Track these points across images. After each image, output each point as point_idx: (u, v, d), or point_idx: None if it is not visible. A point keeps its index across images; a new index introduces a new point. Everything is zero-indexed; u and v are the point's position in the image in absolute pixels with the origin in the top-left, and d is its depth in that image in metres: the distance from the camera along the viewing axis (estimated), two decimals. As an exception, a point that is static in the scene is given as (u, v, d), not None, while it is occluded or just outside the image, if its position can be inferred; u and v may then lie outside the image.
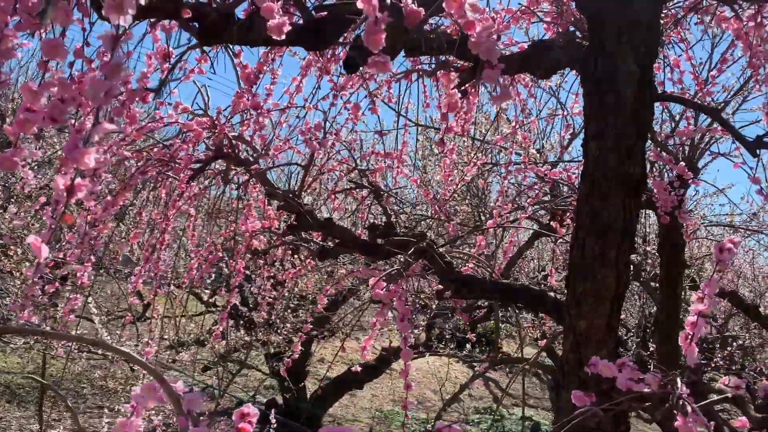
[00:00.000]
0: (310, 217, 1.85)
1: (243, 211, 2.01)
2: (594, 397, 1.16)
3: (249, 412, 0.96)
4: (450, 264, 1.79)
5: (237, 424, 0.93)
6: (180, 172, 1.96)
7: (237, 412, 0.96)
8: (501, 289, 1.77)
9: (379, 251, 1.92)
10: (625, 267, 1.49)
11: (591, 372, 1.17)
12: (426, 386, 7.33)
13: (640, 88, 1.40)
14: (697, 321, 1.16)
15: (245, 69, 1.71)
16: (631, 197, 1.43)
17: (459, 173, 2.24)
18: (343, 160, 2.09)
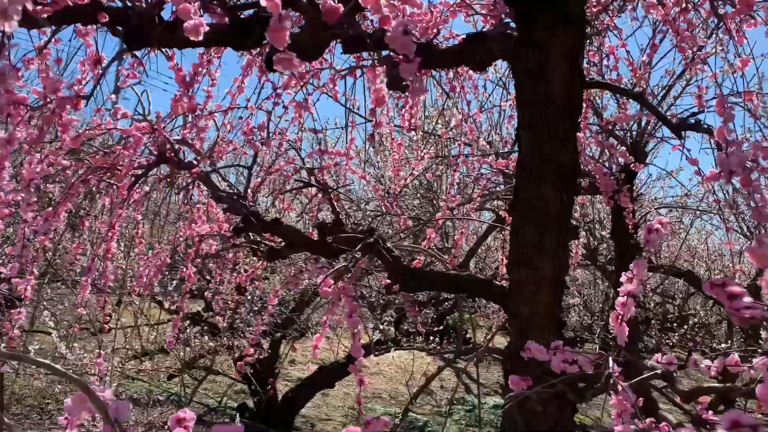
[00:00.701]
0: (255, 219, 1.84)
1: (190, 216, 1.99)
2: (531, 381, 1.18)
3: (185, 417, 0.96)
4: (398, 258, 1.80)
5: (173, 429, 0.93)
6: (122, 178, 1.93)
7: (173, 418, 0.95)
8: (449, 280, 1.79)
9: (328, 250, 1.92)
10: (564, 253, 1.52)
11: (527, 357, 1.19)
12: (398, 381, 7.35)
13: (569, 77, 1.42)
14: (626, 301, 1.19)
15: (179, 71, 1.69)
16: (565, 184, 1.46)
17: (409, 168, 2.25)
18: (289, 160, 2.08)
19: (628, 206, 1.94)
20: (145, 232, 2.21)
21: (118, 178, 1.96)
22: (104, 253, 2.07)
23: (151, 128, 1.87)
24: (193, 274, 2.14)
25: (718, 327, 5.10)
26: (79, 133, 1.84)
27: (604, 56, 2.13)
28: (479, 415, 5.99)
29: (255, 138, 1.92)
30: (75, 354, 3.57)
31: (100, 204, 2.24)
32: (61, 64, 1.73)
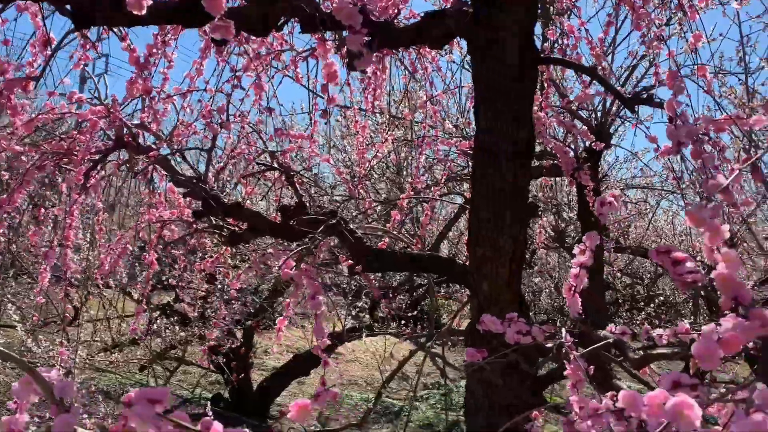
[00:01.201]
0: (215, 202, 1.82)
1: (149, 200, 1.96)
2: (486, 353, 1.19)
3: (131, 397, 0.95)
4: (360, 239, 1.80)
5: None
6: (78, 164, 1.89)
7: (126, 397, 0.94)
8: (411, 260, 1.79)
9: (291, 233, 1.91)
10: (522, 229, 1.53)
11: (483, 330, 1.19)
12: (374, 368, 7.37)
13: (523, 53, 1.43)
14: (579, 273, 1.21)
15: (133, 52, 1.66)
16: (521, 160, 1.47)
17: (374, 150, 2.25)
18: (251, 143, 2.06)
19: (588, 184, 1.96)
20: (106, 220, 2.17)
21: (74, 163, 1.92)
22: (63, 239, 2.03)
23: (107, 112, 1.83)
24: (156, 260, 2.11)
25: (685, 306, 5.20)
26: (32, 117, 1.81)
27: (564, 35, 2.15)
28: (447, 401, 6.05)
29: (214, 121, 1.89)
30: (42, 347, 3.50)
31: (59, 191, 2.20)
32: (9, 45, 1.68)
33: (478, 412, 1.59)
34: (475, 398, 1.62)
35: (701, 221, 0.82)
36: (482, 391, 1.61)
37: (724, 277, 0.81)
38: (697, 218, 0.82)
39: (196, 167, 1.91)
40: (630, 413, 0.72)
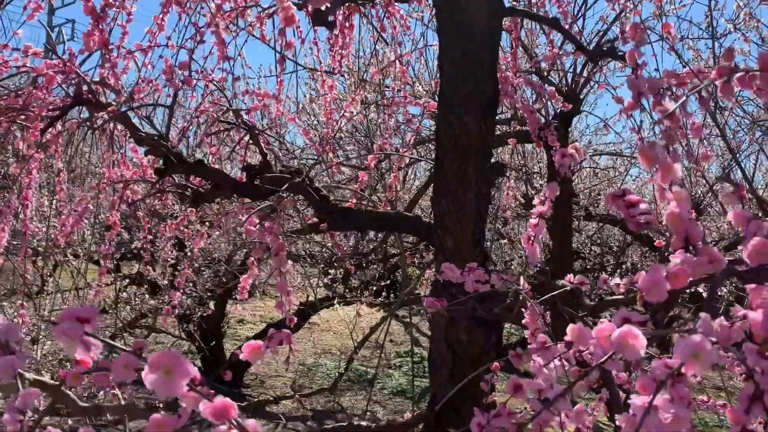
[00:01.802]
0: (178, 160, 1.78)
1: (108, 158, 1.92)
2: (445, 301, 1.20)
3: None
4: (326, 197, 1.78)
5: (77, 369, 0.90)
6: (35, 120, 1.84)
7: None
8: (376, 218, 1.79)
9: (256, 191, 1.88)
10: (485, 184, 1.53)
11: (444, 280, 1.20)
12: (347, 337, 7.41)
13: (487, 5, 1.41)
14: (538, 222, 1.21)
15: (88, 2, 1.60)
16: (485, 113, 1.46)
17: (341, 110, 2.22)
18: (215, 100, 2.01)
19: (555, 145, 1.96)
20: (66, 181, 2.12)
21: (30, 119, 1.86)
22: (21, 200, 1.98)
23: (63, 66, 1.77)
24: (123, 228, 2.07)
25: (652, 272, 5.29)
26: (-18, 71, 1.74)
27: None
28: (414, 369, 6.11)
29: (176, 77, 1.84)
30: (8, 315, 3.44)
31: (16, 148, 2.13)
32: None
33: (442, 367, 1.61)
34: (439, 354, 1.63)
35: (653, 159, 0.82)
36: (446, 347, 1.62)
37: (674, 215, 0.81)
38: (650, 156, 0.82)
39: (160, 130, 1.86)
40: (578, 346, 0.72)
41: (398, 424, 1.55)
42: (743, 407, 0.57)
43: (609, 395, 1.11)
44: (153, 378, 0.51)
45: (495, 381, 1.40)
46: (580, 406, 1.04)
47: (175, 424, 0.89)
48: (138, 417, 0.96)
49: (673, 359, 0.57)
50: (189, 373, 0.51)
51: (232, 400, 0.97)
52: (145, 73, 2.04)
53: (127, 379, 0.83)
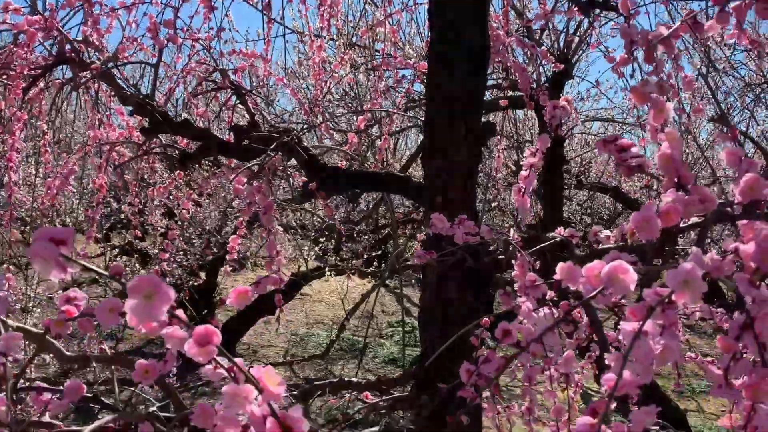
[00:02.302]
0: (164, 119, 1.75)
1: (92, 117, 1.88)
2: (434, 254, 1.19)
3: (76, 296, 0.92)
4: (315, 157, 1.76)
5: (60, 307, 0.88)
6: (16, 79, 1.79)
7: (62, 296, 0.91)
8: (367, 178, 1.77)
9: (244, 152, 1.86)
10: (476, 140, 1.52)
11: (432, 232, 1.19)
12: (340, 308, 7.45)
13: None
14: (529, 174, 1.20)
15: (67, -47, 1.55)
16: (476, 68, 1.44)
17: (330, 71, 2.18)
18: (201, 60, 1.98)
19: (546, 104, 1.93)
20: (51, 143, 2.08)
21: (12, 78, 1.82)
22: (5, 161, 1.95)
23: (45, 22, 1.73)
24: (106, 185, 2.05)
25: (642, 240, 5.32)
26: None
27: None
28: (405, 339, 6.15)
29: (161, 34, 1.80)
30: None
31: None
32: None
33: (433, 325, 1.61)
34: (429, 313, 1.63)
35: (645, 97, 0.80)
36: (437, 306, 1.61)
37: (666, 156, 0.80)
38: (641, 94, 0.80)
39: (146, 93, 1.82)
40: (567, 284, 0.72)
41: (389, 380, 1.56)
42: (733, 335, 0.56)
43: (598, 346, 1.11)
44: (133, 303, 0.49)
45: (485, 336, 1.40)
46: (569, 353, 1.04)
47: (161, 369, 0.89)
48: (125, 366, 0.96)
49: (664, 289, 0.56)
50: (170, 299, 0.50)
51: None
52: (130, 32, 2.00)
53: (112, 324, 0.81)
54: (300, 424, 0.57)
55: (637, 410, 0.56)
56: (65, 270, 0.46)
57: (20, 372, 0.89)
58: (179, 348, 0.67)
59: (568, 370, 0.97)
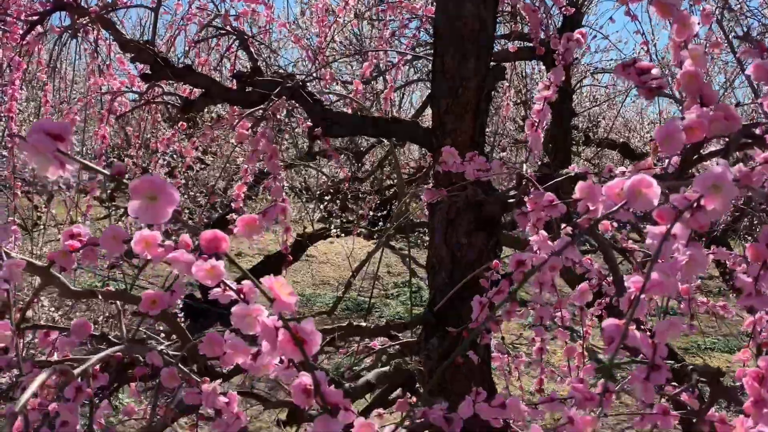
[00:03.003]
0: (165, 64, 1.71)
1: (91, 65, 1.84)
2: (444, 192, 1.16)
3: (80, 232, 0.90)
4: (319, 102, 1.72)
5: (63, 242, 0.87)
6: (13, 24, 1.75)
7: (66, 231, 0.89)
8: (372, 123, 1.73)
9: (247, 99, 1.82)
10: (486, 78, 1.47)
11: (443, 170, 1.16)
12: (346, 269, 7.47)
13: None
14: (542, 108, 1.16)
15: None
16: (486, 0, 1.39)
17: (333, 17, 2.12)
18: (202, 6, 1.92)
19: (557, 48, 1.88)
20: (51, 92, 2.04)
21: (8, 25, 1.78)
22: (6, 114, 1.92)
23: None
24: (107, 134, 2.02)
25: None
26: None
27: None
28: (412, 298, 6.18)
29: (159, -24, 1.75)
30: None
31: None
32: None
33: (441, 270, 1.59)
34: (438, 258, 1.61)
35: (669, 9, 0.76)
36: (446, 251, 1.60)
37: (690, 74, 0.77)
38: (664, 6, 0.76)
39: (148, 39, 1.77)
40: (587, 203, 0.69)
41: (398, 324, 1.55)
42: (764, 241, 0.54)
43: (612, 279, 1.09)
44: (136, 204, 0.47)
45: (494, 278, 1.38)
46: (583, 285, 1.02)
47: (169, 300, 0.87)
48: (131, 302, 0.94)
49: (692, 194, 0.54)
50: (174, 200, 0.47)
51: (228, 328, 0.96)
52: (128, -24, 1.94)
53: (117, 252, 0.79)
54: (313, 336, 0.56)
55: (661, 321, 0.54)
56: (63, 166, 0.44)
57: (26, 304, 0.88)
58: (186, 273, 0.65)
59: (582, 303, 0.95)
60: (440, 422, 0.96)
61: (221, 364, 0.79)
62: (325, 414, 0.55)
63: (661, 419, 0.80)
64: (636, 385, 0.53)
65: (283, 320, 0.54)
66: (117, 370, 0.98)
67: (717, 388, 0.85)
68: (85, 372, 0.77)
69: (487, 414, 0.92)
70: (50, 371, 0.67)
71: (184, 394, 0.74)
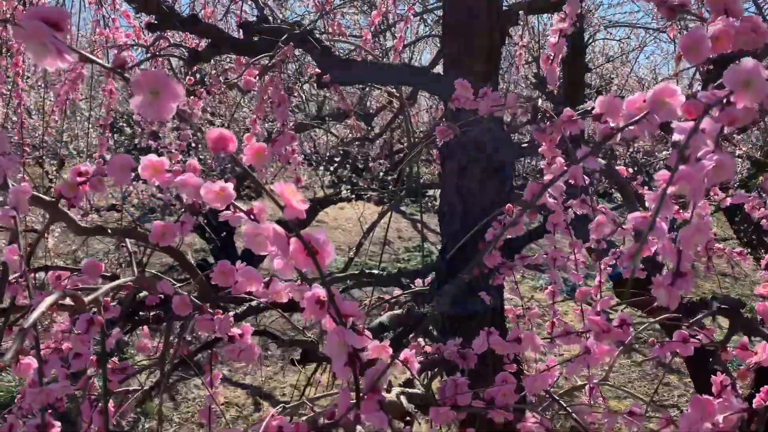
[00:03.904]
0: (171, 12, 1.68)
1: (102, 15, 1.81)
2: (457, 128, 1.14)
3: (87, 170, 0.88)
4: (328, 49, 1.69)
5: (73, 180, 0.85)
6: (15, -25, 1.72)
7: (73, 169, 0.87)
8: (383, 69, 1.70)
9: (255, 48, 1.79)
10: (498, 20, 1.43)
11: (455, 107, 1.13)
12: (357, 234, 7.48)
13: None
14: (558, 41, 1.13)
15: None
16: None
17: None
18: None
19: None
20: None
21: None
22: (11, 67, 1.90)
23: None
24: (114, 89, 1.99)
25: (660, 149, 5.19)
26: None
27: None
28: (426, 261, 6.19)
29: None
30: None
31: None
32: None
33: (453, 217, 1.57)
34: (450, 205, 1.59)
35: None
36: (458, 198, 1.57)
37: (715, -13, 0.73)
38: None
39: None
40: (607, 119, 0.66)
41: (410, 271, 1.54)
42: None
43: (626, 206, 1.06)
44: (139, 100, 0.45)
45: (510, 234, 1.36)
46: (600, 217, 0.99)
47: (178, 230, 0.86)
48: (140, 238, 0.93)
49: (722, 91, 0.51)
50: (178, 95, 0.45)
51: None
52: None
53: (124, 181, 0.78)
54: (326, 246, 0.54)
55: (686, 228, 0.52)
56: (62, 56, 0.42)
57: (36, 239, 0.87)
58: (195, 197, 0.64)
59: (599, 236, 0.93)
60: (454, 357, 0.95)
61: (233, 292, 0.78)
62: (339, 326, 0.54)
63: (680, 347, 0.79)
64: (660, 291, 0.51)
65: (294, 229, 0.53)
66: (128, 310, 0.97)
67: (737, 319, 0.83)
68: (96, 300, 0.76)
69: (502, 349, 0.91)
70: (60, 294, 0.67)
71: (197, 321, 0.73)
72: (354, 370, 0.53)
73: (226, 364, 4.31)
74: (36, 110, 4.14)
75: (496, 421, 0.88)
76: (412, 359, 0.73)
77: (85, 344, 0.80)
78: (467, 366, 0.95)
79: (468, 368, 0.95)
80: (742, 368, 0.77)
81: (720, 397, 0.73)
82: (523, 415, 0.93)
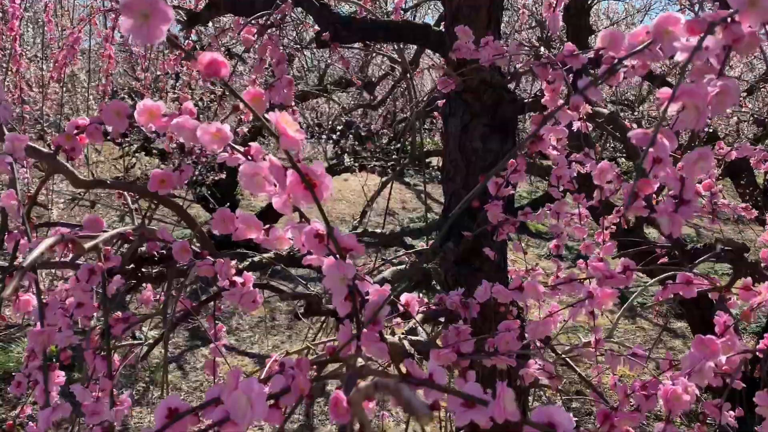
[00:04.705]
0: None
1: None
2: (458, 79, 1.12)
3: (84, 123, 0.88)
4: (327, 6, 1.66)
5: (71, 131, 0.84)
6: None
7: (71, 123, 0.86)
8: (383, 26, 1.67)
9: (253, 7, 1.76)
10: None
11: (456, 57, 1.11)
12: (360, 205, 7.48)
13: None
14: (560, -11, 1.10)
15: None
16: None
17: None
18: None
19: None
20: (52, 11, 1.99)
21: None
22: (8, 30, 1.88)
23: None
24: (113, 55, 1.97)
25: (669, 121, 5.15)
26: None
27: None
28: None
29: None
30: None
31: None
32: None
33: (456, 175, 1.56)
34: (453, 163, 1.58)
35: None
36: (460, 156, 1.56)
37: None
38: None
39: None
40: (609, 52, 0.65)
41: (413, 230, 1.54)
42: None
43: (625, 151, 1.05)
44: (130, 23, 0.44)
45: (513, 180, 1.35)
46: (604, 163, 0.98)
47: (178, 180, 0.85)
48: (140, 193, 0.93)
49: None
50: (168, 18, 0.44)
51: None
52: None
53: (121, 128, 0.77)
54: (324, 179, 0.54)
55: (688, 153, 0.51)
56: None
57: (36, 190, 0.87)
58: (191, 141, 0.63)
59: (602, 182, 0.92)
60: (457, 306, 0.95)
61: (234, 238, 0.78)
62: (338, 259, 0.54)
63: (684, 289, 0.78)
64: (663, 218, 0.50)
65: (291, 160, 0.52)
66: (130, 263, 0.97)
67: (741, 262, 0.82)
68: (96, 248, 0.76)
69: (505, 297, 0.91)
70: (59, 237, 0.66)
71: (198, 267, 0.73)
72: (354, 304, 0.53)
73: (233, 334, 4.34)
74: (36, 84, 4.13)
75: (498, 368, 0.88)
76: (412, 302, 0.73)
77: (86, 293, 0.80)
78: (470, 315, 0.95)
79: (471, 318, 0.95)
80: (745, 309, 0.76)
81: (723, 338, 0.73)
82: (525, 362, 0.94)
